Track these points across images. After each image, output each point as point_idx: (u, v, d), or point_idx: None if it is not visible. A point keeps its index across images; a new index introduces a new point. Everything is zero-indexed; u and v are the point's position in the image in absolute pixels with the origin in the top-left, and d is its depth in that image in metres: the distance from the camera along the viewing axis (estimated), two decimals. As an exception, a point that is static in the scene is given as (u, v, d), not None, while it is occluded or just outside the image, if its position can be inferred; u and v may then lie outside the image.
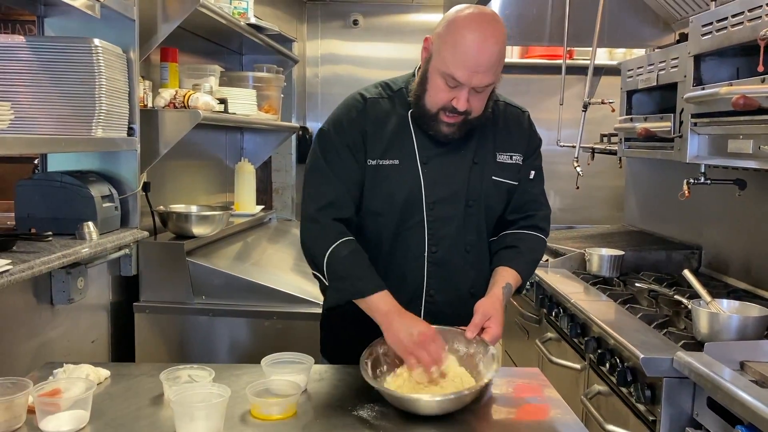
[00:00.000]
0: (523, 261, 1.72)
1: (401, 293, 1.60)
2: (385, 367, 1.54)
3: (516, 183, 1.73)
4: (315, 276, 1.69)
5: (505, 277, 1.66)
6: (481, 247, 1.73)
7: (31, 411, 1.35)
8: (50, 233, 1.91)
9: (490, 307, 1.57)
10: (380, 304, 1.54)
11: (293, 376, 1.51)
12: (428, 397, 1.40)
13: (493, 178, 1.69)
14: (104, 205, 2.07)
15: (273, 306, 2.39)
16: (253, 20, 2.99)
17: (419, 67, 1.66)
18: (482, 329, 1.54)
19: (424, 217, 1.65)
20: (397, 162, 1.64)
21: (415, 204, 1.65)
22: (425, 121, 1.62)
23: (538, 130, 1.81)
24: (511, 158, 1.72)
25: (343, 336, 1.78)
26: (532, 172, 1.76)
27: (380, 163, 1.65)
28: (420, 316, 1.66)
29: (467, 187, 1.67)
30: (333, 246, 1.59)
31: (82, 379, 1.47)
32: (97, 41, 1.88)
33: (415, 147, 1.65)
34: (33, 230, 1.94)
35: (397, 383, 1.49)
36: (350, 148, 1.65)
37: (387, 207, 1.66)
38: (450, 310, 1.68)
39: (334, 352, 1.83)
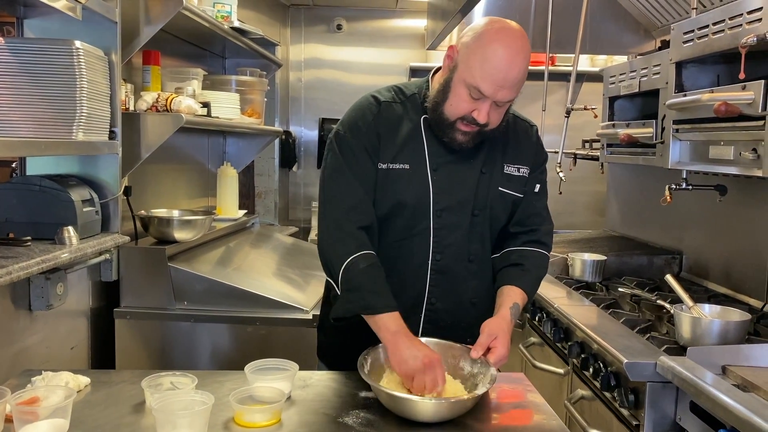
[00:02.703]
0: (529, 279, 1.71)
1: (402, 299, 1.59)
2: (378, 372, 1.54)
3: (521, 195, 1.73)
4: (328, 282, 1.68)
5: (513, 297, 1.64)
6: (485, 256, 1.73)
7: (8, 420, 1.32)
8: (29, 238, 1.88)
9: (496, 327, 1.56)
10: (390, 324, 1.51)
11: (277, 382, 1.49)
12: (424, 399, 1.39)
13: (500, 189, 1.69)
14: (84, 209, 2.04)
15: (256, 312, 2.37)
16: (236, 24, 2.97)
17: (434, 73, 1.67)
18: (488, 349, 1.53)
19: (430, 224, 1.64)
20: (407, 167, 1.64)
21: (422, 210, 1.64)
22: (441, 128, 1.61)
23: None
24: (518, 170, 1.72)
25: (345, 341, 1.76)
26: (538, 186, 1.76)
27: (390, 167, 1.64)
28: (420, 323, 1.66)
29: (474, 196, 1.67)
30: (353, 257, 1.56)
31: (61, 386, 1.44)
32: (78, 43, 1.86)
33: (426, 153, 1.64)
34: (11, 235, 1.91)
35: (390, 386, 1.48)
36: (368, 151, 1.63)
37: (394, 211, 1.65)
38: (450, 318, 1.67)
39: (334, 356, 1.81)
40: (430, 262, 1.66)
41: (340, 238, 1.59)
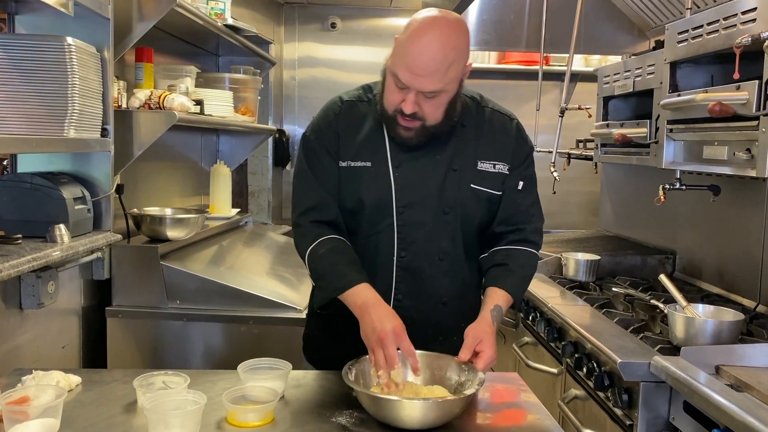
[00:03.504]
0: (514, 279, 1.67)
1: None
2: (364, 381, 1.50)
3: (499, 193, 1.68)
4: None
5: (494, 298, 1.62)
6: (456, 255, 1.69)
7: (-2, 419, 1.31)
8: (20, 236, 1.86)
9: (480, 331, 1.54)
10: (356, 298, 1.53)
11: (270, 382, 1.48)
12: (411, 401, 1.34)
13: (472, 186, 1.66)
14: (76, 207, 2.02)
15: (249, 311, 2.36)
16: (230, 21, 2.96)
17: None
18: (476, 354, 1.51)
19: (394, 221, 1.64)
20: (369, 164, 1.64)
21: (385, 207, 1.63)
22: (386, 123, 1.61)
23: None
24: (494, 167, 1.67)
25: (328, 339, 1.77)
26: (521, 183, 1.70)
27: (351, 165, 1.64)
28: None
29: (441, 193, 1.64)
30: (312, 246, 1.61)
31: (52, 386, 1.43)
32: (70, 40, 1.84)
33: (388, 150, 1.64)
34: (2, 233, 1.89)
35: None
36: (329, 151, 1.66)
37: (358, 209, 1.65)
38: (419, 316, 1.64)
39: (318, 355, 1.81)
40: (395, 258, 1.64)
41: (301, 234, 1.66)
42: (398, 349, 1.45)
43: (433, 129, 1.59)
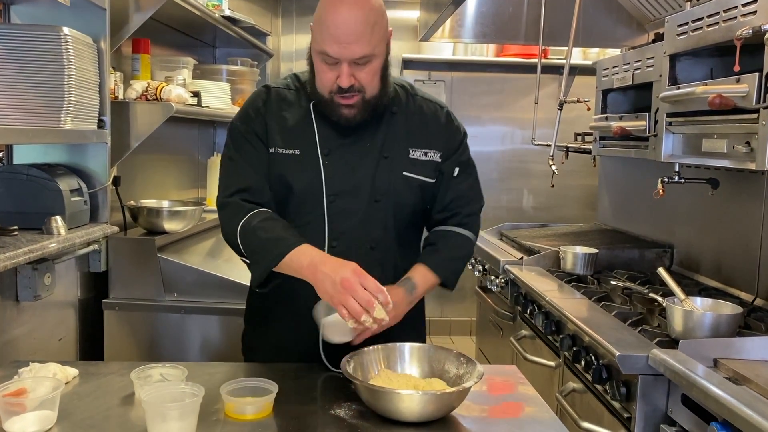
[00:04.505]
0: (439, 258, 1.67)
1: (302, 287, 1.52)
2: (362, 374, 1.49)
3: (431, 180, 1.68)
4: (244, 263, 1.61)
5: (411, 272, 1.63)
6: (388, 244, 1.67)
7: (-5, 411, 1.30)
8: (16, 228, 1.85)
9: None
10: (302, 259, 1.47)
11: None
12: (409, 393, 1.33)
13: (404, 173, 1.65)
14: (73, 199, 2.01)
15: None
16: (227, 12, 2.95)
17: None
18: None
19: (324, 210, 1.61)
20: (297, 152, 1.62)
21: (315, 195, 1.61)
22: (326, 108, 1.59)
23: (512, 129, 1.80)
24: (425, 155, 1.67)
25: (267, 332, 1.74)
26: (456, 169, 1.70)
27: (279, 152, 1.61)
28: None
29: (373, 181, 1.62)
30: (243, 220, 1.55)
31: (48, 378, 1.42)
32: (66, 30, 1.83)
33: (317, 137, 1.62)
34: (-2, 224, 1.88)
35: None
36: (258, 136, 1.63)
37: (287, 197, 1.62)
38: None
39: (253, 349, 1.78)
40: (326, 248, 1.60)
41: (230, 212, 1.59)
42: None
43: (373, 101, 1.58)
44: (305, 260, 1.47)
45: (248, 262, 1.58)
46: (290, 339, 1.67)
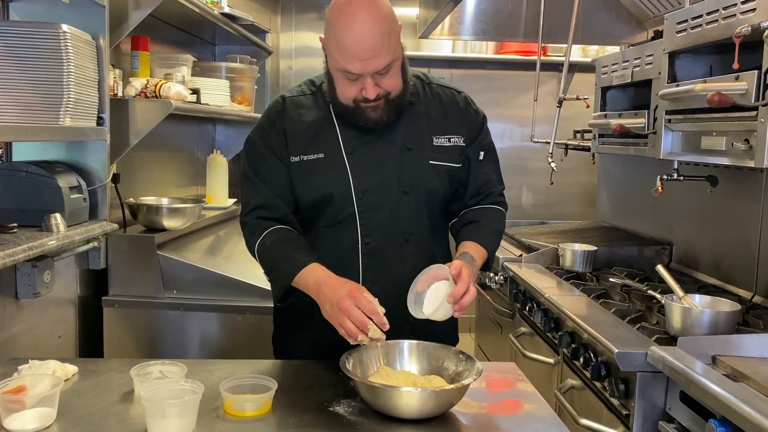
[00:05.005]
0: (486, 233, 1.70)
1: None
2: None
3: (458, 165, 1.70)
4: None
5: (465, 247, 1.64)
6: (423, 235, 1.69)
7: (-6, 408, 1.30)
8: (15, 225, 1.85)
9: (456, 264, 1.49)
10: (308, 279, 1.52)
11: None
12: (408, 390, 1.34)
13: (430, 162, 1.66)
14: (72, 196, 2.01)
15: (246, 301, 2.35)
16: (226, 9, 2.94)
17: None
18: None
19: (354, 208, 1.63)
20: (322, 155, 1.63)
21: (344, 195, 1.63)
22: (350, 115, 1.60)
23: (511, 126, 1.81)
24: (449, 140, 1.69)
25: (294, 333, 1.77)
26: (482, 153, 1.73)
27: (303, 159, 1.63)
28: None
29: (399, 173, 1.64)
30: (258, 240, 1.62)
31: (48, 375, 1.43)
32: (65, 27, 1.83)
33: (339, 138, 1.63)
34: (-3, 222, 1.88)
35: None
36: (273, 150, 1.65)
37: (318, 200, 1.64)
38: (389, 300, 1.53)
39: (285, 349, 1.81)
40: (360, 246, 1.64)
41: (249, 232, 1.66)
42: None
43: (398, 100, 1.59)
44: (311, 281, 1.52)
45: (268, 278, 1.65)
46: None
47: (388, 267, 1.65)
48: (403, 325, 1.58)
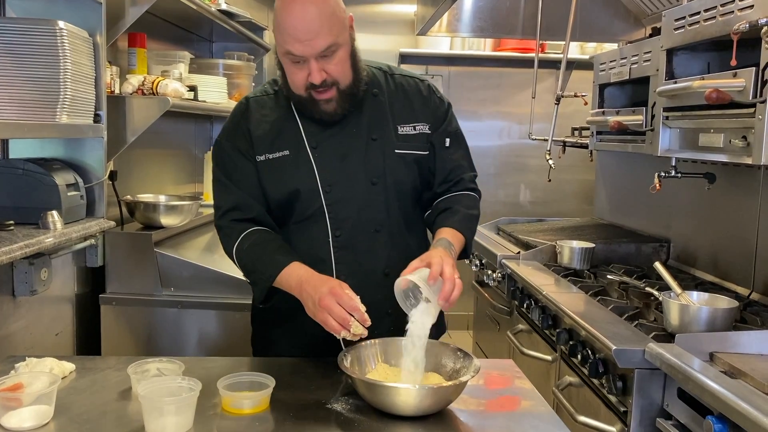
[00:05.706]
0: (459, 217, 1.68)
1: None
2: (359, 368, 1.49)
3: (425, 152, 1.70)
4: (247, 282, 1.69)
5: (442, 233, 1.62)
6: (395, 226, 1.69)
7: (-9, 406, 1.30)
8: (12, 222, 1.85)
9: (426, 256, 1.48)
10: (290, 279, 1.53)
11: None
12: (406, 387, 1.34)
13: (396, 151, 1.67)
14: (69, 193, 2.01)
15: (243, 298, 2.33)
16: (224, 6, 2.94)
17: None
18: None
19: (322, 202, 1.63)
20: (287, 152, 1.64)
21: (311, 190, 1.63)
22: (305, 107, 1.61)
23: (509, 123, 1.81)
24: (414, 128, 1.69)
25: (273, 333, 1.77)
26: (447, 140, 1.73)
27: (269, 158, 1.64)
28: None
29: (365, 164, 1.64)
30: (236, 243, 1.63)
31: (45, 373, 1.42)
32: (62, 23, 1.82)
33: (303, 134, 1.64)
34: (-6, 219, 1.88)
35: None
36: (241, 151, 1.66)
37: (288, 197, 1.65)
38: (364, 294, 1.49)
39: (264, 348, 1.80)
40: (330, 239, 1.64)
41: (224, 236, 1.67)
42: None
43: (350, 91, 1.59)
44: (293, 280, 1.53)
45: (248, 281, 1.65)
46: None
47: (360, 258, 1.66)
48: (384, 317, 1.59)
